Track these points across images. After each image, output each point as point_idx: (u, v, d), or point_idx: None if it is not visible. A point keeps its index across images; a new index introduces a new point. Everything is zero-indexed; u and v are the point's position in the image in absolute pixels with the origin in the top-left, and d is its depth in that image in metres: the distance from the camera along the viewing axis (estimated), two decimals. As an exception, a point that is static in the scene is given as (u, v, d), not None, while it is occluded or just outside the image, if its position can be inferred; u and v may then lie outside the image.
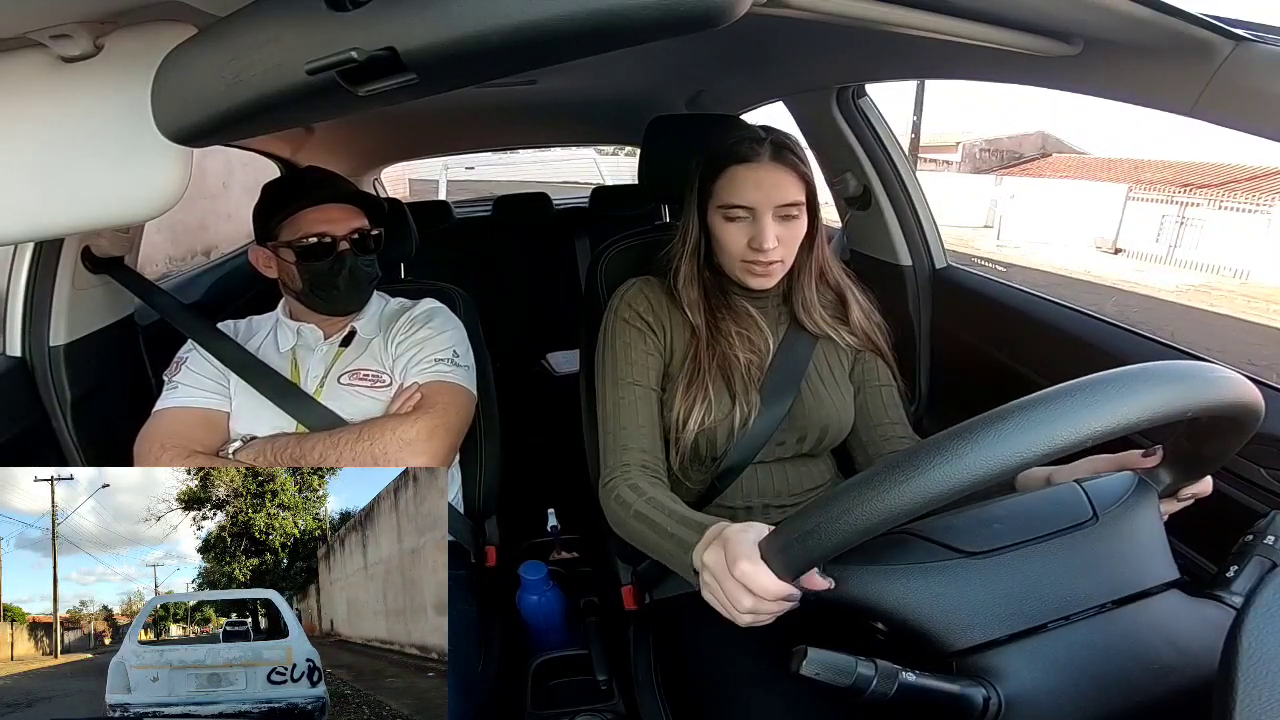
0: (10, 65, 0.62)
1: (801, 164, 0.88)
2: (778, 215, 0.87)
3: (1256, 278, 10.79)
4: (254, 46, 0.45)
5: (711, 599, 0.60)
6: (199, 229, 6.64)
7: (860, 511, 0.46)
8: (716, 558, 0.59)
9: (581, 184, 6.03)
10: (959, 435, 0.45)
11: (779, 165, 0.86)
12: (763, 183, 0.86)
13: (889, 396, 1.00)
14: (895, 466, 0.45)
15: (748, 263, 0.90)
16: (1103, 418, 0.43)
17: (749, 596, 0.55)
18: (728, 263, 0.93)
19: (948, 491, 0.44)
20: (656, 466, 0.90)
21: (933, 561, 0.55)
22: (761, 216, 0.86)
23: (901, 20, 0.65)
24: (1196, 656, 0.50)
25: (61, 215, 0.65)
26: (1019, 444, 0.43)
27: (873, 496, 0.45)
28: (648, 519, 0.77)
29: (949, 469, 0.43)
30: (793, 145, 0.89)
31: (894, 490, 0.45)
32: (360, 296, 1.08)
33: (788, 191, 0.87)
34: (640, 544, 0.78)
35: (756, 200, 0.86)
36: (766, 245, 0.86)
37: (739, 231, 0.89)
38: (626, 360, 0.94)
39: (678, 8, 0.37)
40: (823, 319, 0.98)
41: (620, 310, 0.97)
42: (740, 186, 0.87)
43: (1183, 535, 0.85)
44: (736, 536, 0.58)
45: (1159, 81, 0.75)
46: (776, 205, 0.87)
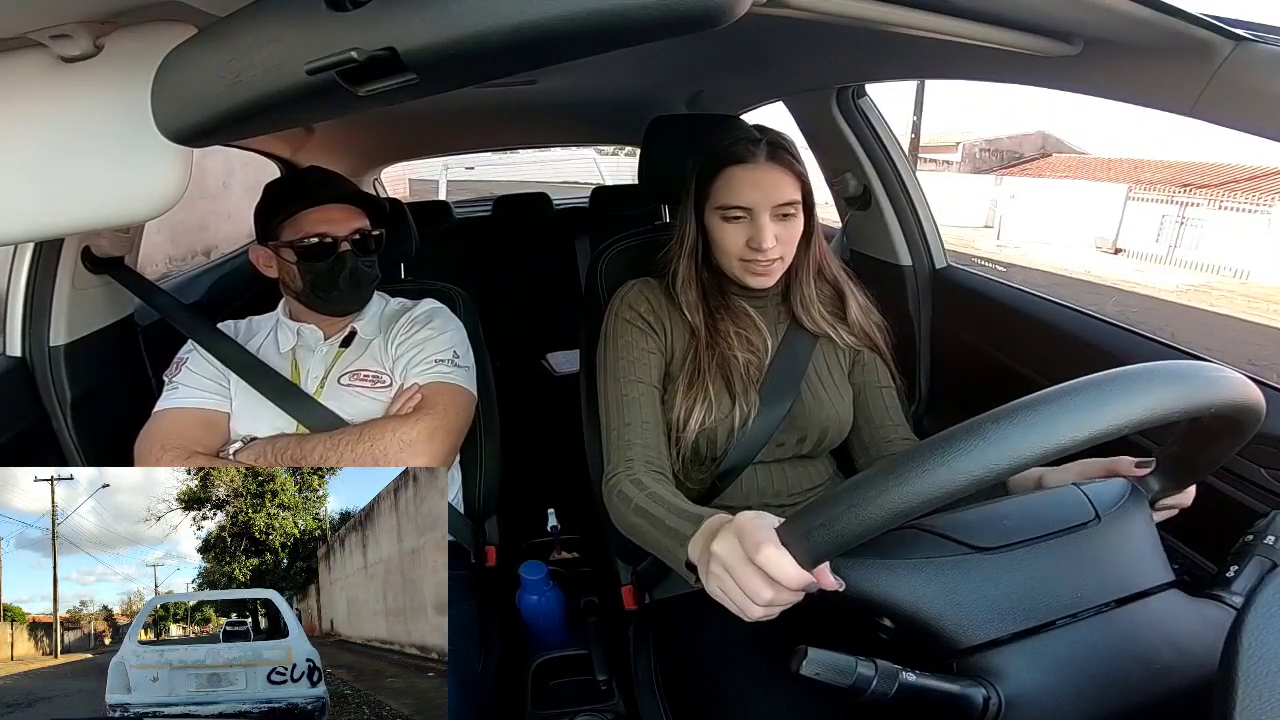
0: (10, 65, 0.62)
1: (797, 163, 0.89)
2: (775, 215, 0.88)
3: (1256, 278, 10.79)
4: (254, 46, 0.45)
5: (720, 592, 0.57)
6: (199, 229, 6.64)
7: (889, 497, 0.45)
8: (730, 546, 0.55)
9: (581, 184, 6.03)
10: (993, 418, 0.44)
11: (775, 165, 0.87)
12: (760, 183, 0.87)
13: (889, 398, 1.01)
14: (925, 453, 0.45)
15: (747, 262, 0.90)
16: (1115, 416, 0.43)
17: (769, 587, 0.52)
18: (726, 263, 0.93)
19: (982, 477, 0.43)
20: (660, 463, 0.89)
21: (945, 556, 0.54)
22: (759, 216, 0.87)
23: (901, 20, 0.65)
24: (1196, 656, 0.50)
25: (61, 215, 0.65)
26: (1023, 441, 0.43)
27: (900, 482, 0.45)
28: (647, 513, 0.75)
29: (979, 456, 0.43)
30: (788, 145, 0.89)
31: (923, 476, 0.44)
32: (361, 297, 1.09)
33: (784, 191, 0.87)
34: (640, 539, 0.77)
35: (754, 201, 0.87)
36: (765, 245, 0.87)
37: (737, 232, 0.89)
38: (628, 359, 0.94)
39: (678, 8, 0.37)
40: (821, 316, 0.98)
41: (621, 311, 0.97)
42: (737, 187, 0.88)
43: (1183, 535, 0.86)
44: (753, 523, 0.54)
45: (1159, 81, 0.75)
46: (774, 205, 0.87)
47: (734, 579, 0.54)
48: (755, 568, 0.52)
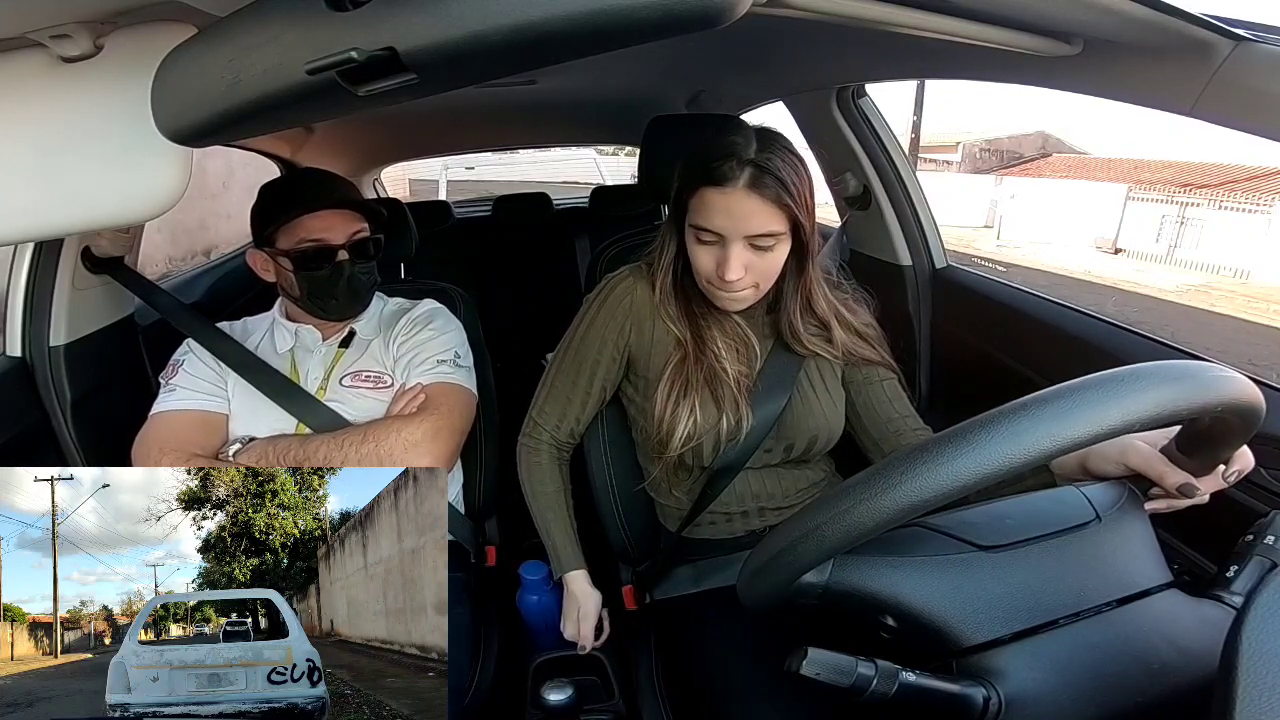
0: (10, 65, 0.62)
1: (786, 193, 0.79)
2: (750, 244, 0.82)
3: (1256, 278, 10.79)
4: (254, 46, 0.45)
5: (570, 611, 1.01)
6: (199, 229, 6.65)
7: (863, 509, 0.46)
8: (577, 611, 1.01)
9: (581, 184, 6.03)
10: (992, 418, 0.44)
11: (755, 194, 0.79)
12: (733, 211, 0.80)
13: (891, 390, 0.97)
14: (919, 455, 0.45)
15: (714, 286, 0.86)
16: (1114, 417, 0.43)
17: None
18: (699, 281, 0.90)
19: (980, 478, 0.43)
20: (566, 444, 1.04)
21: (951, 554, 0.54)
22: (730, 244, 0.81)
23: (901, 20, 0.65)
24: (1196, 656, 0.50)
25: (61, 215, 0.65)
26: (1015, 445, 0.43)
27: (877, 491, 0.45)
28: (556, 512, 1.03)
29: (977, 457, 0.43)
30: (777, 169, 0.79)
31: (917, 478, 0.44)
32: (359, 304, 1.07)
33: (760, 221, 0.80)
34: (535, 518, 1.03)
35: (725, 228, 0.81)
36: (729, 276, 0.82)
37: (708, 254, 0.84)
38: (590, 339, 0.97)
39: (678, 8, 0.37)
40: (810, 340, 0.94)
41: (607, 299, 0.97)
42: (709, 211, 0.81)
43: (1183, 535, 0.85)
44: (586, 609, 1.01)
45: (1159, 81, 0.75)
46: (746, 235, 0.81)
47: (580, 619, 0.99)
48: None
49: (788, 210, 0.80)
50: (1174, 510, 0.64)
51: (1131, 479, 0.64)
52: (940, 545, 0.55)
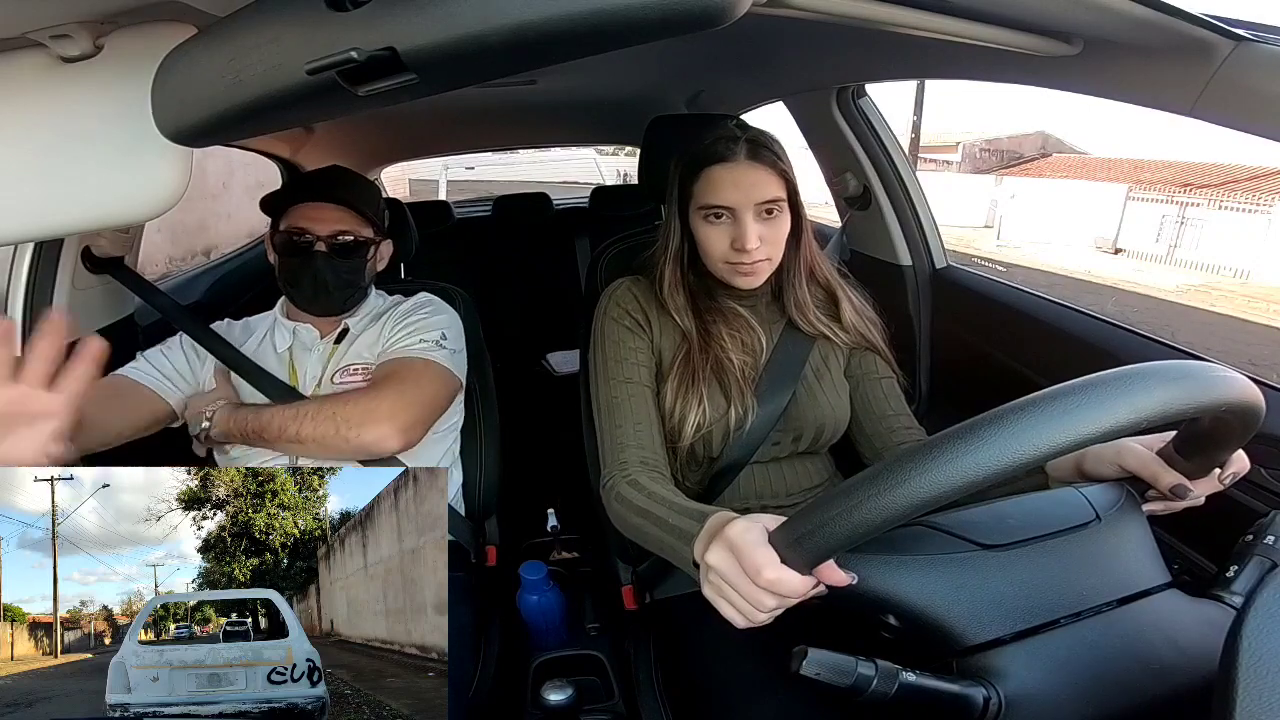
0: (10, 65, 0.62)
1: (780, 160, 0.87)
2: (759, 214, 0.87)
3: (1256, 278, 10.78)
4: (254, 46, 0.45)
5: (717, 599, 0.56)
6: (199, 229, 6.64)
7: (887, 498, 0.44)
8: (725, 561, 0.54)
9: (581, 184, 6.03)
10: (991, 420, 0.44)
11: (756, 163, 0.86)
12: (740, 182, 0.85)
13: (889, 388, 0.99)
14: (923, 454, 0.44)
15: (732, 264, 0.89)
16: (1113, 418, 0.43)
17: (773, 599, 0.52)
18: (712, 265, 0.92)
19: (978, 479, 0.43)
20: (656, 462, 0.87)
21: (953, 553, 0.54)
22: (742, 216, 0.86)
23: (901, 20, 0.65)
24: (1196, 656, 0.50)
25: (61, 215, 0.65)
26: (1018, 444, 0.43)
27: (898, 483, 0.44)
28: (649, 514, 0.74)
29: (976, 457, 0.43)
30: (768, 142, 0.88)
31: (920, 476, 0.44)
32: (328, 301, 1.06)
33: (766, 189, 0.86)
34: (644, 541, 0.76)
35: (736, 200, 0.86)
36: (749, 245, 0.85)
37: (721, 233, 0.88)
38: (618, 359, 0.93)
39: (678, 8, 0.37)
40: (817, 318, 0.97)
41: (609, 310, 0.97)
42: (718, 187, 0.86)
43: (1183, 535, 0.85)
44: (743, 539, 0.53)
45: (1159, 81, 0.75)
46: (756, 203, 0.86)
47: (737, 591, 0.54)
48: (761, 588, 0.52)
49: (785, 177, 0.87)
50: (1171, 513, 0.64)
51: (1127, 481, 0.64)
52: (942, 544, 0.55)
